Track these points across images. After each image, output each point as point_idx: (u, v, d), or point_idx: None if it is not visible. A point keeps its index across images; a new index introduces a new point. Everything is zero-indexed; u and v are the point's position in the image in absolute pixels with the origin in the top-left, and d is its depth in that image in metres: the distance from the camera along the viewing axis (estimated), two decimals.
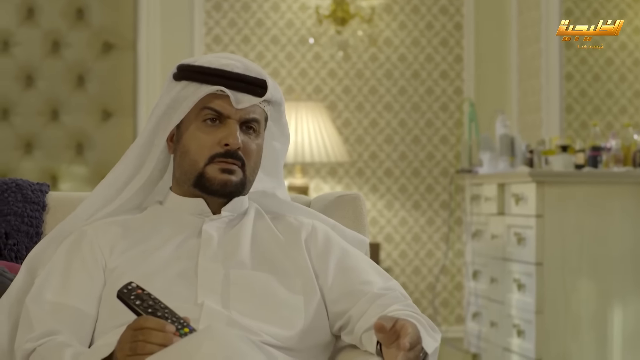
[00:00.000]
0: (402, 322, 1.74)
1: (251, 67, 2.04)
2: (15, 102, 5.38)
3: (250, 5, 5.66)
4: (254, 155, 2.03)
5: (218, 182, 2.00)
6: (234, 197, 2.04)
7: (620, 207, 4.28)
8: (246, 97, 2.01)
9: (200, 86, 2.01)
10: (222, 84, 2.00)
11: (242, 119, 2.01)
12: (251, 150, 2.02)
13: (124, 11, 5.49)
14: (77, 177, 5.41)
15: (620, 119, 5.35)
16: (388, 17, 5.76)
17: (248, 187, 2.05)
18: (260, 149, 2.05)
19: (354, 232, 2.18)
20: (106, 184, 2.08)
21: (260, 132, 2.05)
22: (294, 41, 5.69)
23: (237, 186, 2.01)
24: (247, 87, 2.01)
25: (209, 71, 2.01)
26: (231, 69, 2.01)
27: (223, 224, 2.04)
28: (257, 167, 2.06)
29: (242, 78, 2.01)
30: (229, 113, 2.00)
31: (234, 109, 2.00)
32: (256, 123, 2.03)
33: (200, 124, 2.01)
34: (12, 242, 2.30)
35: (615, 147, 4.46)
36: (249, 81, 2.01)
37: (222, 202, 2.05)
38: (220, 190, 2.01)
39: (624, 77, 5.53)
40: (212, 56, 2.05)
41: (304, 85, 5.70)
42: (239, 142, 1.99)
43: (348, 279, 2.00)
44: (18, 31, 5.38)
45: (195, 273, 1.94)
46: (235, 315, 1.87)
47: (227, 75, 2.01)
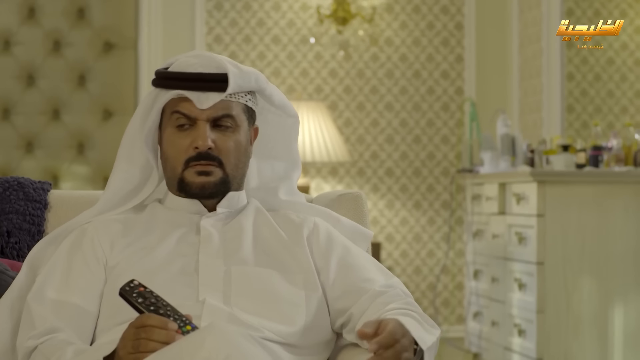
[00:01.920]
0: (385, 323, 1.74)
1: (214, 62, 1.99)
2: (17, 102, 5.38)
3: (252, 5, 5.66)
4: (232, 151, 2.01)
5: (196, 185, 2.00)
6: (218, 195, 2.03)
7: (621, 207, 4.28)
8: (209, 96, 1.97)
9: (164, 92, 2.01)
10: (183, 87, 1.98)
11: (210, 118, 1.99)
12: (227, 147, 2.00)
13: (125, 10, 5.49)
14: (78, 176, 5.41)
15: (621, 118, 5.35)
16: (389, 17, 5.76)
17: (235, 182, 2.04)
18: (241, 143, 2.02)
19: (358, 225, 2.17)
20: (108, 198, 2.09)
21: (239, 125, 2.02)
22: (295, 41, 5.69)
23: (216, 186, 2.00)
24: (209, 85, 1.98)
25: (170, 75, 2.00)
26: (193, 69, 1.99)
27: (220, 220, 2.03)
28: (241, 162, 2.04)
29: (201, 77, 1.98)
30: (196, 115, 1.98)
31: (199, 110, 1.98)
32: (229, 118, 2.00)
33: (174, 129, 2.01)
34: (14, 240, 2.30)
35: (616, 146, 4.46)
36: (208, 79, 1.98)
37: (217, 199, 2.05)
38: (200, 193, 2.01)
39: (625, 76, 5.53)
40: (184, 56, 2.03)
41: (305, 84, 5.70)
42: (208, 143, 1.97)
43: (349, 277, 2.00)
44: (19, 30, 5.38)
45: (196, 270, 1.94)
46: (236, 312, 1.87)
47: (186, 77, 1.98)
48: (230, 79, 1.97)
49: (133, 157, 2.08)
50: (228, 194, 2.04)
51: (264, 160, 2.16)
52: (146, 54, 5.46)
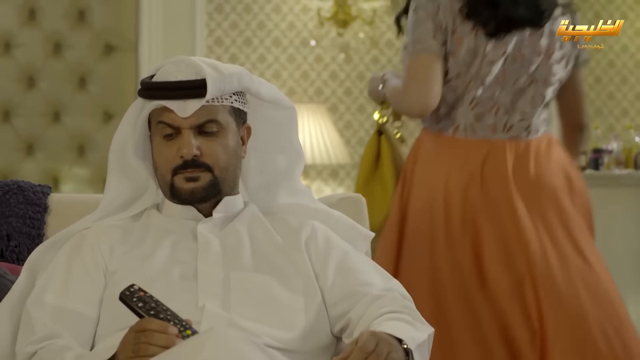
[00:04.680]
0: (355, 341, 1.73)
1: (193, 68, 1.97)
2: (17, 104, 5.38)
3: (252, 8, 5.66)
4: (220, 156, 1.99)
5: (185, 191, 1.99)
6: (210, 199, 2.02)
7: (621, 209, 4.29)
8: (190, 103, 1.95)
9: (147, 103, 2.01)
10: (163, 96, 1.97)
11: (194, 126, 1.97)
12: (214, 152, 1.99)
13: (126, 13, 5.50)
14: (78, 178, 5.41)
15: (621, 121, 5.35)
16: (389, 19, 5.76)
17: (226, 185, 2.03)
18: (229, 146, 2.01)
19: (358, 225, 2.16)
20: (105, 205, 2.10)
21: (225, 129, 2.00)
22: (295, 43, 5.69)
23: (206, 189, 2.00)
24: (188, 93, 1.96)
25: (150, 86, 2.00)
26: (173, 77, 1.97)
27: (216, 225, 2.03)
28: (231, 164, 2.02)
29: (179, 85, 1.96)
30: (179, 124, 1.97)
31: (181, 118, 1.97)
32: (214, 123, 1.99)
33: (161, 138, 2.00)
34: (13, 244, 2.31)
35: (617, 149, 4.47)
36: (186, 87, 1.96)
37: (211, 205, 2.04)
38: (190, 199, 2.00)
39: (626, 79, 5.53)
40: (167, 62, 2.02)
41: (305, 87, 5.70)
42: (192, 152, 1.96)
43: (348, 281, 1.99)
44: (20, 33, 5.38)
45: (195, 277, 1.93)
46: (236, 318, 1.87)
47: (165, 86, 1.97)
48: (208, 84, 1.95)
49: (123, 167, 2.08)
50: (224, 198, 2.04)
51: (264, 155, 2.14)
52: (147, 56, 5.46)
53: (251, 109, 2.09)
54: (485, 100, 2.91)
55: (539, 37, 2.91)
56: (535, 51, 2.91)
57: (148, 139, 2.06)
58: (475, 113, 2.91)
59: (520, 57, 2.90)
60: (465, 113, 2.91)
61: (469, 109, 2.91)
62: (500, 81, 2.91)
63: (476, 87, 2.89)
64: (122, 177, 2.08)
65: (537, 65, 2.92)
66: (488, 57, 2.87)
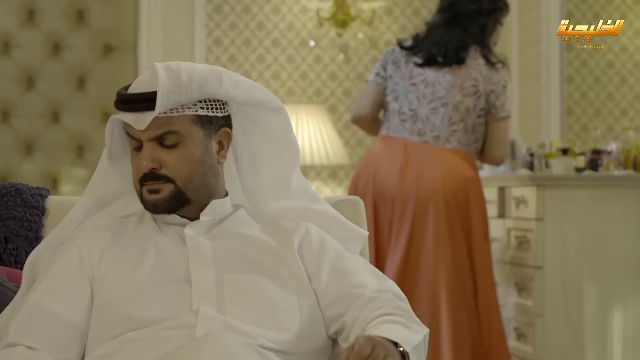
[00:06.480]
0: (351, 346, 1.73)
1: (153, 78, 1.94)
2: (16, 104, 5.38)
3: (251, 8, 5.66)
4: (180, 167, 1.97)
5: (149, 203, 1.98)
6: (177, 209, 1.99)
7: (620, 211, 4.28)
8: (145, 116, 1.93)
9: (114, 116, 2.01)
10: (123, 108, 1.96)
11: (152, 138, 1.95)
12: (174, 164, 1.96)
13: (125, 13, 5.50)
14: (77, 179, 5.41)
15: (621, 121, 5.34)
16: (389, 20, 5.76)
17: (197, 194, 2.00)
18: (192, 156, 1.97)
19: (352, 225, 2.15)
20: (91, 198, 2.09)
21: (187, 138, 1.96)
22: (294, 44, 5.69)
23: (167, 202, 1.98)
24: (142, 106, 1.93)
25: (117, 98, 1.98)
26: (133, 88, 1.96)
27: (204, 228, 2.02)
28: (197, 173, 1.99)
29: (134, 98, 1.94)
30: (139, 136, 1.96)
31: (139, 131, 1.95)
32: (172, 134, 1.96)
33: (132, 151, 2.00)
34: (11, 247, 2.30)
35: (616, 150, 4.46)
36: (140, 99, 1.93)
37: (199, 208, 2.03)
38: (154, 209, 1.99)
39: (625, 79, 5.53)
40: (147, 69, 2.01)
41: (304, 87, 5.70)
42: (148, 165, 1.95)
43: (342, 283, 1.98)
44: (19, 33, 5.38)
45: (188, 280, 1.92)
46: (231, 320, 1.86)
47: (122, 99, 1.96)
48: (158, 97, 1.92)
49: (105, 170, 2.07)
50: (212, 202, 2.03)
51: (258, 158, 2.11)
52: (146, 56, 5.46)
53: (241, 112, 2.08)
54: (407, 112, 4.06)
55: (451, 73, 4.03)
56: (449, 83, 4.01)
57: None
58: (400, 120, 4.07)
59: (432, 85, 4.03)
60: (394, 119, 4.10)
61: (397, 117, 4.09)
62: (420, 99, 4.04)
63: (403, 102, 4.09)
64: (104, 177, 2.08)
65: (447, 94, 4.00)
66: (412, 81, 4.06)
